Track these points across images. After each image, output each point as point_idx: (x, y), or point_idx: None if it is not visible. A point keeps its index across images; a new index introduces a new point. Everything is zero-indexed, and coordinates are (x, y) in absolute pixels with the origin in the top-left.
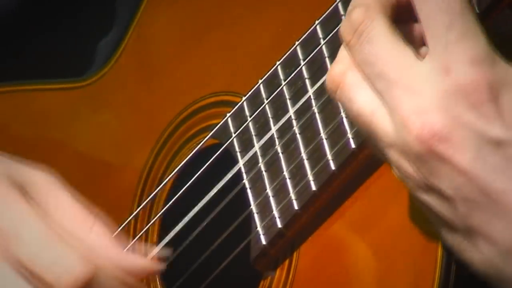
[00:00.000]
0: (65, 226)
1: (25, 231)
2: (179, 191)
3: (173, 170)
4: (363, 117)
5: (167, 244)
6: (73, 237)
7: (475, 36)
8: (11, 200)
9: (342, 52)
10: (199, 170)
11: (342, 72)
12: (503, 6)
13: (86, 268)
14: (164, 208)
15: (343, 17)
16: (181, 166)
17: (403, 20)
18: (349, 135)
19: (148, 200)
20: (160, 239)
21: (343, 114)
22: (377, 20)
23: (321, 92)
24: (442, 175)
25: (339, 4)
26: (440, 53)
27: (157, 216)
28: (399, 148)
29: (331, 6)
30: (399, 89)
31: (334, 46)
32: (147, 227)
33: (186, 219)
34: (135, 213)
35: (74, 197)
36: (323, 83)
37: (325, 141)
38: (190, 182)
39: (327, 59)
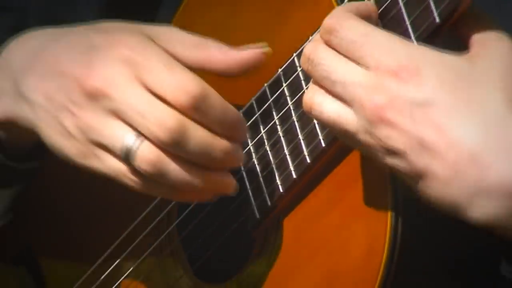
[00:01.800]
0: (181, 55)
1: (150, 56)
2: None
3: None
4: (333, 122)
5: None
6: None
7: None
8: (139, 38)
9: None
10: None
11: (311, 96)
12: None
13: (200, 84)
14: None
15: None
16: None
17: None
18: (320, 137)
19: None
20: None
21: (315, 121)
22: (320, 49)
23: (298, 104)
24: (393, 136)
25: None
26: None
27: None
28: (363, 129)
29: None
30: (350, 86)
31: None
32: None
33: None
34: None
35: (191, 35)
36: (299, 98)
37: (302, 142)
38: None
39: (302, 81)
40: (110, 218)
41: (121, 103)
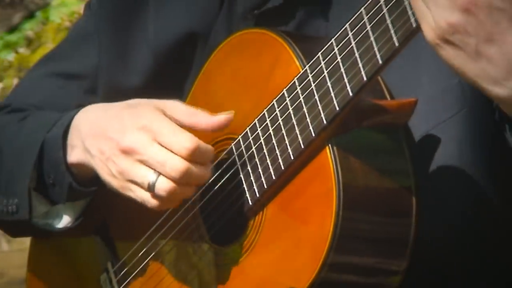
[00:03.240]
0: (181, 121)
1: (161, 125)
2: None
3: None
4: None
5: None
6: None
7: None
8: (155, 116)
9: None
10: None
11: None
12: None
13: (194, 140)
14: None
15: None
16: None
17: None
18: (289, 151)
19: None
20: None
21: (290, 153)
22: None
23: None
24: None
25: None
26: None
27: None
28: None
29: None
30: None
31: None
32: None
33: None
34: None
35: (187, 107)
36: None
37: (279, 156)
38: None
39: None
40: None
41: (145, 156)
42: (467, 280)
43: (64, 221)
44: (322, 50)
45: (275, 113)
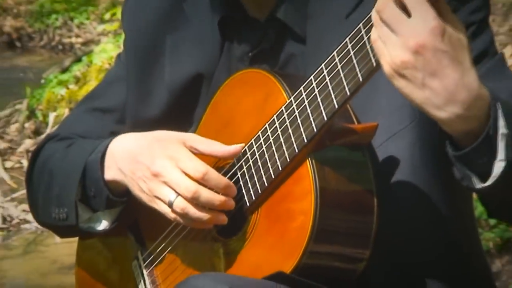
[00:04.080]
0: (201, 150)
1: (182, 154)
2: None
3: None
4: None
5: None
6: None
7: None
8: (178, 148)
9: None
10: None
11: None
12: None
13: (205, 166)
14: None
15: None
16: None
17: None
18: (278, 163)
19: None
20: None
21: (279, 165)
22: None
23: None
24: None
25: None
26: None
27: None
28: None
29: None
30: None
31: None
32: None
33: None
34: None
35: (206, 139)
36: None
37: (270, 167)
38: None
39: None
40: None
41: (167, 178)
42: (422, 262)
43: (103, 224)
44: (304, 85)
45: (267, 134)
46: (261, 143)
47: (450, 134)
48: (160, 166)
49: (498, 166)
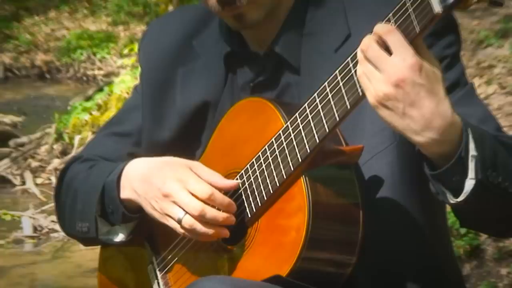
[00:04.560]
0: (204, 178)
1: (190, 178)
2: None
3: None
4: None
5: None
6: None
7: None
8: (186, 172)
9: None
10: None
11: None
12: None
13: (211, 188)
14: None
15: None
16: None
17: None
18: (276, 180)
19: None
20: None
21: (277, 181)
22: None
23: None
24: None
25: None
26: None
27: None
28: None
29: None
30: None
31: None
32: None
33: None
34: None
35: (209, 169)
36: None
37: (269, 184)
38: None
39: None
40: None
41: (177, 198)
42: (402, 267)
43: (120, 237)
44: (299, 111)
45: (266, 154)
46: (261, 162)
47: (427, 156)
48: (170, 188)
49: (469, 184)
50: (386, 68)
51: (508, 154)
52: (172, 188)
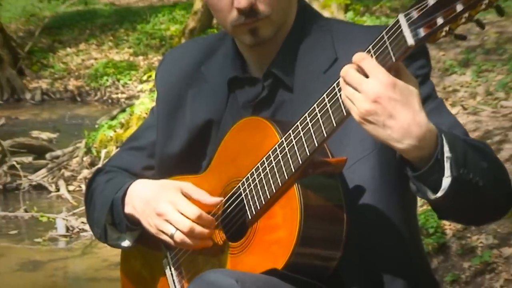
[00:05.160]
0: (193, 197)
1: (180, 200)
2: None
3: (225, 196)
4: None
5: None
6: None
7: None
8: (176, 195)
9: None
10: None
11: None
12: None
13: (199, 210)
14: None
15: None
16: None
17: None
18: (273, 187)
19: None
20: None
21: (273, 188)
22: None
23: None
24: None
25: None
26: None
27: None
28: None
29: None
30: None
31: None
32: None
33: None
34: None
35: (198, 189)
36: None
37: (267, 190)
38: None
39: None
40: None
41: (169, 217)
42: (380, 259)
43: (126, 243)
44: (292, 128)
45: (264, 165)
46: (260, 172)
47: (408, 160)
48: (163, 208)
49: (446, 181)
50: (364, 89)
51: (476, 154)
52: (165, 208)
